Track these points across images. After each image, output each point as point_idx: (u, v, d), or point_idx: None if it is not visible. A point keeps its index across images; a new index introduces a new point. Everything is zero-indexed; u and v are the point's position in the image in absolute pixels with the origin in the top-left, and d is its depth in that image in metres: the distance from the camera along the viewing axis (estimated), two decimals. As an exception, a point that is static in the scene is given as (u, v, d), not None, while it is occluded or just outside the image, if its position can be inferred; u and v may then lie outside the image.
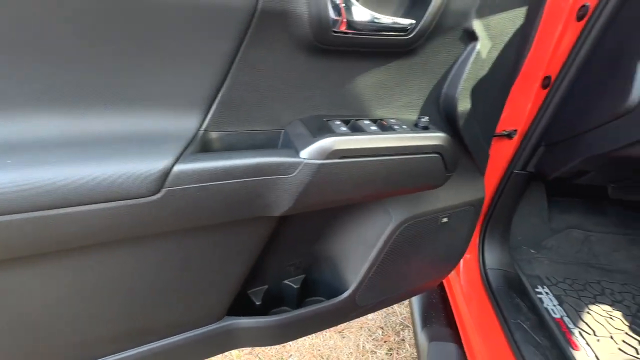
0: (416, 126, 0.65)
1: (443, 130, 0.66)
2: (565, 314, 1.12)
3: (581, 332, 1.06)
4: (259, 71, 0.54)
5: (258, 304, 0.80)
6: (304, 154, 0.54)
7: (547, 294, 1.20)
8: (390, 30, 0.56)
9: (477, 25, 0.64)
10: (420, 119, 0.65)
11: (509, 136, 1.12)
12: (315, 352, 1.69)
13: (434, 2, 0.56)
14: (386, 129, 0.62)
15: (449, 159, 0.67)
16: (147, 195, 0.45)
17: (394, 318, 1.90)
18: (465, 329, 1.15)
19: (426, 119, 0.65)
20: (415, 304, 1.37)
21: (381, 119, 0.65)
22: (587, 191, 1.53)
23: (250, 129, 0.58)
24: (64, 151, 0.44)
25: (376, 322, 1.87)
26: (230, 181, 0.50)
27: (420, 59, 0.64)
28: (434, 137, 0.64)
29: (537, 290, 1.21)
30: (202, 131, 0.54)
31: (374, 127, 0.61)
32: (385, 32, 0.56)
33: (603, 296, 1.21)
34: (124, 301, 0.58)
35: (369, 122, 0.63)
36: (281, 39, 0.52)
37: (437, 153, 0.65)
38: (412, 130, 0.63)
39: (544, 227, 1.47)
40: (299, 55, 0.55)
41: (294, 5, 0.48)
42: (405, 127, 0.63)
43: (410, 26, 0.57)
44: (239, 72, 0.52)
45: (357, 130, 0.60)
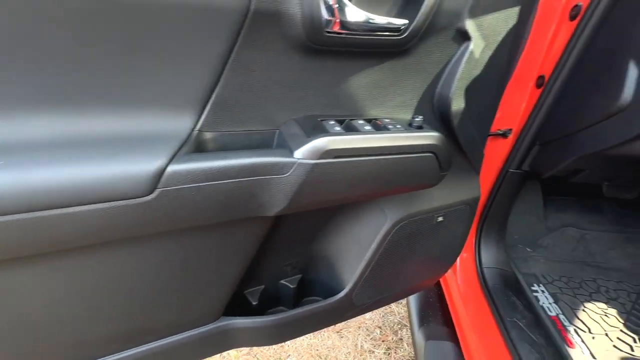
0: (410, 126, 0.66)
1: (437, 130, 0.66)
2: (560, 312, 1.12)
3: (576, 329, 1.06)
4: (253, 72, 0.54)
5: (254, 304, 0.80)
6: (298, 153, 0.54)
7: (542, 292, 1.20)
8: (383, 30, 0.56)
9: (470, 25, 0.64)
10: (414, 118, 0.66)
11: (504, 135, 1.13)
12: (313, 352, 1.69)
13: (426, 2, 0.57)
14: (380, 128, 0.62)
15: (443, 158, 0.68)
16: (140, 195, 0.45)
17: (391, 317, 1.90)
18: (461, 327, 1.15)
19: (420, 119, 0.66)
20: (413, 303, 1.37)
21: (375, 119, 0.66)
22: (582, 189, 1.54)
23: (244, 129, 0.58)
24: (56, 152, 0.44)
25: (374, 321, 1.87)
26: (224, 181, 0.51)
27: (413, 58, 0.65)
28: (427, 137, 0.64)
29: (533, 288, 1.22)
30: (196, 131, 0.54)
31: (368, 127, 0.61)
32: (378, 32, 0.56)
33: (598, 294, 1.22)
34: (119, 302, 0.58)
35: (363, 121, 0.63)
36: (274, 39, 0.52)
37: (431, 152, 0.65)
38: (405, 130, 0.63)
39: (540, 225, 1.48)
40: (293, 56, 0.55)
41: (286, 6, 0.49)
42: (399, 127, 0.63)
43: (403, 26, 0.57)
44: (232, 72, 0.52)
45: (351, 130, 0.61)
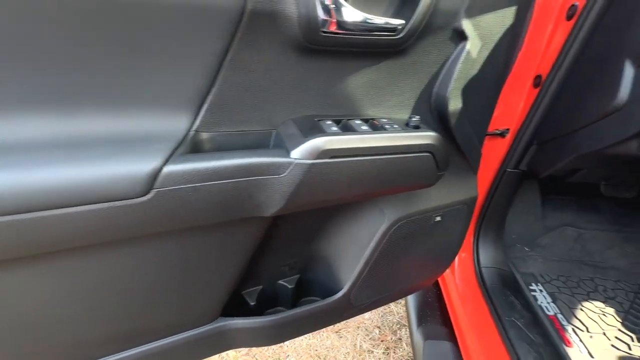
0: (407, 126, 0.66)
1: (434, 130, 0.66)
2: (558, 311, 1.12)
3: (574, 328, 1.07)
4: (250, 72, 0.54)
5: (252, 304, 0.80)
6: (294, 153, 0.54)
7: (541, 291, 1.21)
8: (380, 30, 0.56)
9: (467, 25, 0.64)
10: (411, 118, 0.66)
11: (502, 135, 1.13)
12: (312, 352, 1.69)
13: (422, 2, 0.57)
14: (377, 128, 0.62)
15: (440, 158, 0.68)
16: (136, 196, 0.45)
17: (390, 317, 1.90)
18: (460, 327, 1.15)
19: (417, 119, 0.66)
20: (411, 302, 1.37)
21: (373, 119, 0.66)
22: (580, 189, 1.54)
23: (241, 129, 0.58)
24: (51, 153, 0.43)
25: (373, 321, 1.87)
26: (220, 182, 0.50)
27: (410, 58, 0.65)
28: (424, 137, 0.64)
29: (531, 287, 1.22)
30: (192, 132, 0.54)
31: (365, 127, 0.61)
32: (375, 32, 0.56)
33: (596, 293, 1.22)
34: (116, 303, 0.58)
35: (360, 121, 0.63)
36: (271, 39, 0.52)
37: (428, 152, 0.65)
38: (403, 130, 0.63)
39: (538, 225, 1.48)
40: (290, 56, 0.55)
41: (282, 6, 0.49)
42: (396, 127, 0.63)
43: (400, 26, 0.57)
44: (229, 72, 0.52)
45: (348, 130, 0.61)
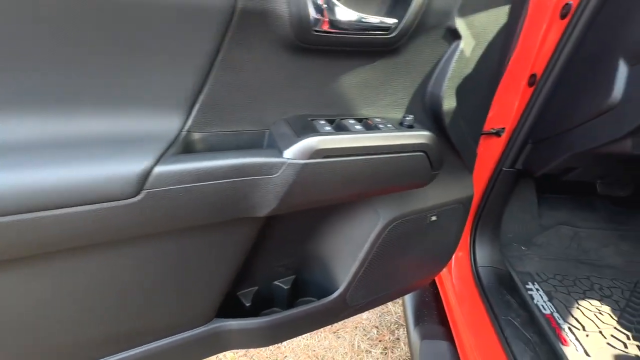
0: (401, 125, 0.66)
1: (429, 129, 0.66)
2: (555, 310, 1.13)
3: (571, 327, 1.07)
4: (242, 71, 0.53)
5: (248, 305, 0.80)
6: (287, 153, 0.54)
7: (537, 290, 1.21)
8: (372, 29, 0.56)
9: (460, 24, 0.64)
10: (405, 117, 0.66)
11: (497, 134, 1.13)
12: (310, 352, 1.69)
13: (415, 1, 0.56)
14: (371, 128, 0.62)
15: (434, 158, 0.67)
16: (126, 197, 0.45)
17: (388, 317, 1.90)
18: (456, 326, 1.15)
19: (411, 118, 0.65)
20: (408, 302, 1.37)
21: (366, 118, 0.66)
22: (576, 187, 1.55)
23: (234, 129, 0.58)
24: (40, 153, 0.43)
25: (371, 321, 1.87)
26: (212, 182, 0.50)
27: (404, 57, 0.65)
28: (418, 136, 0.64)
29: (527, 286, 1.22)
30: (184, 132, 0.53)
31: (359, 127, 0.61)
32: (368, 31, 0.56)
33: (592, 291, 1.23)
34: (108, 305, 0.57)
35: (354, 121, 0.63)
36: (262, 38, 0.52)
37: (422, 151, 0.65)
38: (396, 129, 0.63)
39: (534, 224, 1.49)
40: (282, 55, 0.55)
41: (273, 5, 0.48)
42: (390, 126, 0.63)
43: (393, 25, 0.57)
44: (220, 72, 0.52)
45: (342, 129, 0.60)
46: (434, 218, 0.87)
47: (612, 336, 1.05)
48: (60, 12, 0.41)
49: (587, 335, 1.04)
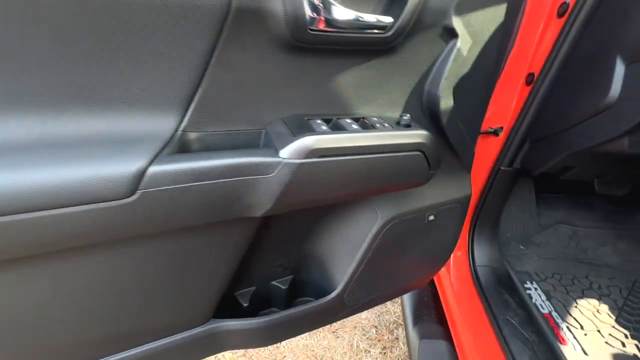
0: (398, 124, 0.65)
1: (426, 128, 0.66)
2: (553, 309, 1.13)
3: (569, 326, 1.07)
4: (237, 70, 0.53)
5: (245, 305, 0.79)
6: (283, 153, 0.54)
7: (535, 289, 1.21)
8: (369, 27, 0.56)
9: (457, 23, 0.64)
10: (402, 117, 0.65)
11: (495, 133, 1.13)
12: (309, 352, 1.69)
13: (411, 0, 0.56)
14: (368, 127, 0.62)
15: (431, 157, 0.67)
16: (120, 197, 0.45)
17: (387, 317, 1.90)
18: (455, 326, 1.15)
19: (408, 117, 0.65)
20: (407, 302, 1.37)
21: (363, 118, 0.65)
22: (574, 187, 1.55)
23: (230, 129, 0.58)
24: (33, 154, 0.43)
25: (370, 321, 1.87)
26: (208, 182, 0.50)
27: (401, 56, 0.64)
28: (415, 135, 0.64)
29: (526, 286, 1.22)
30: (180, 132, 0.53)
31: (356, 126, 0.61)
32: (364, 30, 0.56)
33: (590, 290, 1.23)
34: (104, 306, 0.57)
35: (350, 120, 0.63)
36: (258, 37, 0.51)
37: (419, 151, 0.65)
38: (393, 129, 0.63)
39: (533, 223, 1.49)
40: (278, 54, 0.54)
41: (268, 4, 0.48)
42: (386, 125, 0.63)
43: (389, 24, 0.57)
44: (216, 71, 0.51)
45: (339, 129, 0.60)
46: (432, 217, 0.86)
47: (610, 335, 1.05)
48: (53, 13, 0.41)
49: (586, 334, 1.04)
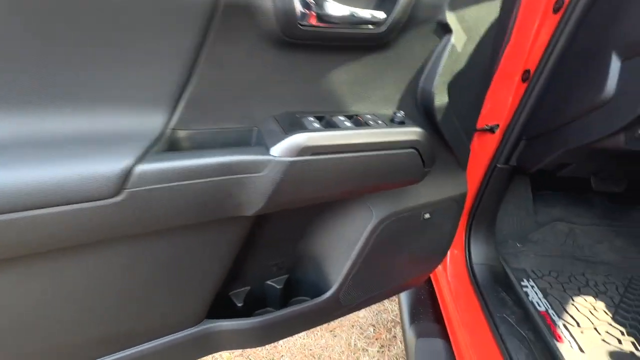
0: (392, 121, 0.65)
1: (420, 125, 0.65)
2: (550, 307, 1.12)
3: (565, 324, 1.07)
4: (227, 67, 0.52)
5: (240, 305, 0.79)
6: (274, 151, 0.53)
7: (532, 287, 1.21)
8: (361, 23, 0.55)
9: (451, 18, 0.63)
10: (396, 114, 0.65)
11: (492, 130, 1.12)
12: (306, 351, 1.68)
13: None
14: (361, 124, 0.61)
15: (426, 154, 0.67)
16: (107, 197, 0.44)
17: (385, 315, 1.90)
18: (452, 324, 1.15)
19: (401, 114, 0.64)
20: (404, 300, 1.37)
21: (356, 115, 0.64)
22: (571, 184, 1.55)
23: (221, 126, 0.57)
24: (17, 152, 0.42)
25: (367, 319, 1.87)
26: (197, 181, 0.49)
27: (394, 52, 0.64)
28: (409, 132, 0.63)
29: (522, 283, 1.22)
30: (169, 130, 0.52)
31: (349, 123, 0.60)
32: (356, 25, 0.55)
33: (587, 288, 1.23)
34: (94, 307, 0.56)
35: (343, 117, 0.62)
36: (248, 33, 0.51)
37: (413, 148, 0.64)
38: (387, 126, 0.62)
39: (530, 220, 1.48)
40: (268, 50, 0.53)
41: None
42: (380, 123, 0.62)
43: (382, 19, 0.56)
44: (206, 68, 0.51)
45: (331, 126, 0.59)
46: (427, 215, 0.86)
47: (607, 332, 1.05)
48: (38, 9, 0.40)
49: (582, 332, 1.04)
